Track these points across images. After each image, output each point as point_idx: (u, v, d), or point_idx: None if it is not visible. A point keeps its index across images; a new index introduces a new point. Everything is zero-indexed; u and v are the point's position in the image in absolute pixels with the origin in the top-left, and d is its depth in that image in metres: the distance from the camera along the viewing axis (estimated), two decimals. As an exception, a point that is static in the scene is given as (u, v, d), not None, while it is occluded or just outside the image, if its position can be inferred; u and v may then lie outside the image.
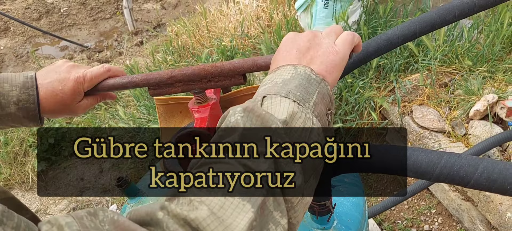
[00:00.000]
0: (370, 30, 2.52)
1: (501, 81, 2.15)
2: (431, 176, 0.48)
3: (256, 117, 0.47)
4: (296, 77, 0.52)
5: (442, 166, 0.47)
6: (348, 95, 2.35)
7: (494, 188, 0.45)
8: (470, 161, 0.46)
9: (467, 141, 1.95)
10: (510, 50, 2.43)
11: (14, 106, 0.75)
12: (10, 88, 0.76)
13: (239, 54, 3.02)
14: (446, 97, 2.18)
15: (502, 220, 1.63)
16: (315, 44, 0.57)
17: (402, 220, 2.14)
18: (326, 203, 0.68)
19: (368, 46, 0.75)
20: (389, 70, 2.42)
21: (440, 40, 2.37)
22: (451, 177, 0.47)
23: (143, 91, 3.14)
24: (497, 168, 0.45)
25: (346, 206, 0.80)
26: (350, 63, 0.77)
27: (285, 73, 0.53)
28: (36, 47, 5.32)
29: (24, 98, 0.75)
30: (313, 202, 0.68)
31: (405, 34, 0.71)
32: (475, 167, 0.46)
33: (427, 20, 0.69)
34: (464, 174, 0.46)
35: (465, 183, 0.46)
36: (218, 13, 3.64)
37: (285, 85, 0.51)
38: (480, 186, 0.46)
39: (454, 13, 0.66)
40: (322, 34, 0.59)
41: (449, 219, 2.06)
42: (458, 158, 0.47)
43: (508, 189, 0.44)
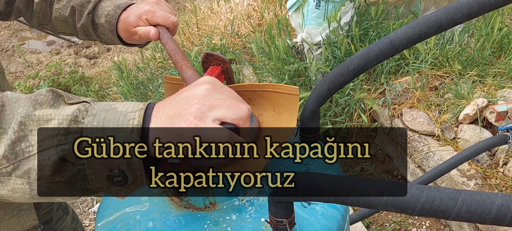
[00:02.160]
0: (362, 32, 2.51)
1: (490, 85, 2.15)
2: (414, 211, 0.48)
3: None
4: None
5: (423, 201, 0.48)
6: (338, 96, 2.33)
7: (474, 219, 0.47)
8: (449, 194, 0.47)
9: (456, 145, 1.94)
10: (500, 55, 2.44)
11: (104, 18, 0.93)
12: (109, 4, 0.93)
13: (229, 53, 2.98)
14: (436, 101, 2.18)
15: (490, 225, 1.63)
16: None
17: (390, 223, 2.13)
18: (284, 221, 0.66)
19: (369, 51, 0.71)
20: (380, 73, 2.41)
21: (431, 43, 2.37)
22: (433, 211, 0.48)
23: (131, 89, 3.09)
24: (475, 199, 0.46)
25: (315, 227, 0.76)
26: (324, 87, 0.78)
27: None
28: (22, 42, 5.22)
29: (112, 14, 0.92)
30: (271, 215, 0.66)
31: (409, 37, 0.66)
32: (455, 200, 0.47)
33: (433, 21, 0.65)
34: (445, 208, 0.47)
35: (447, 216, 0.47)
36: (209, 11, 3.60)
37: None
38: (460, 218, 0.47)
39: (462, 13, 0.62)
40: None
41: (437, 223, 2.06)
42: (438, 192, 0.48)
43: (487, 219, 0.46)
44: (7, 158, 0.50)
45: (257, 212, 0.78)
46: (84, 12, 0.97)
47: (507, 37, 2.47)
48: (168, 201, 0.82)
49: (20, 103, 0.52)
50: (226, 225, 0.76)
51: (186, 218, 0.78)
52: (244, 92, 0.90)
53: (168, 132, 0.52)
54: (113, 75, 3.66)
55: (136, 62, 3.63)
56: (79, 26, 0.99)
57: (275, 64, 2.53)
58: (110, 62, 4.44)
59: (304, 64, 2.53)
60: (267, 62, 2.67)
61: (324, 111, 2.38)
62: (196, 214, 0.78)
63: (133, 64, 3.55)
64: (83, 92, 3.84)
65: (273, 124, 0.86)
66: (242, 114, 0.54)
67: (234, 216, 0.77)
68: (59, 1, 1.00)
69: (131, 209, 0.82)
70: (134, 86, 3.13)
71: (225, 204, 0.80)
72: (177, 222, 0.77)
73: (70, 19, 1.00)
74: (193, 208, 0.80)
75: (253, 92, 0.89)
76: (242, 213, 0.78)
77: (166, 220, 0.78)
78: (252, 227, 0.75)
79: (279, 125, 0.85)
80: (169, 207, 0.81)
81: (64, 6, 1.00)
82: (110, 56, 4.55)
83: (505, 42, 2.46)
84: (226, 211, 0.79)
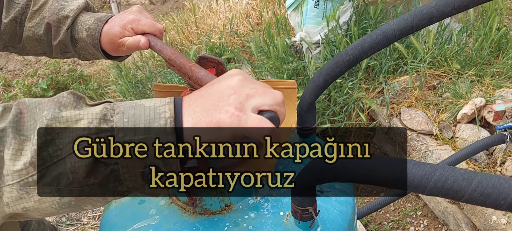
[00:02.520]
0: (361, 31, 2.51)
1: (489, 85, 2.16)
2: (425, 189, 0.47)
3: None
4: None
5: (436, 179, 0.46)
6: (337, 95, 2.34)
7: (488, 202, 0.44)
8: (464, 175, 0.45)
9: (454, 144, 1.95)
10: (498, 55, 2.45)
11: (85, 33, 0.91)
12: (89, 18, 0.92)
13: (228, 51, 2.99)
14: (435, 100, 2.18)
15: (487, 224, 1.63)
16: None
17: (388, 222, 2.13)
18: (309, 209, 0.66)
19: (364, 43, 0.73)
20: (378, 72, 2.41)
21: (429, 43, 2.38)
22: (445, 191, 0.46)
23: (130, 87, 3.09)
24: (492, 182, 0.44)
25: (333, 213, 0.78)
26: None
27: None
28: (20, 40, 5.20)
29: (93, 28, 0.90)
30: (296, 206, 0.66)
31: (401, 28, 0.68)
32: (469, 181, 0.45)
33: (424, 13, 0.66)
34: (458, 188, 0.45)
35: (459, 197, 0.45)
36: (207, 10, 3.60)
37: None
38: (474, 200, 0.45)
39: (452, 5, 0.63)
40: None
41: (435, 222, 2.06)
42: (452, 172, 0.46)
43: (503, 204, 0.44)
44: (34, 165, 0.47)
45: (274, 207, 0.78)
46: (61, 28, 0.93)
47: (505, 37, 2.48)
48: (179, 210, 0.80)
49: (43, 107, 0.50)
50: (246, 224, 0.75)
51: (204, 224, 0.76)
52: None
53: (206, 126, 0.50)
54: (111, 73, 3.66)
55: (135, 61, 3.63)
56: (55, 44, 0.95)
57: (274, 63, 2.53)
58: (108, 61, 4.44)
59: (302, 63, 2.53)
60: (266, 61, 2.67)
61: (322, 110, 2.39)
62: (213, 218, 0.77)
63: (132, 63, 3.55)
64: (81, 91, 3.84)
65: None
66: (278, 100, 0.54)
67: (253, 215, 0.77)
68: (31, 19, 0.95)
69: (140, 224, 0.79)
70: (132, 84, 3.13)
71: (240, 204, 0.79)
72: (194, 230, 0.75)
73: (45, 37, 0.96)
74: (208, 212, 0.78)
75: None
76: (260, 211, 0.78)
77: (182, 230, 0.75)
78: (273, 222, 0.75)
79: None
80: (182, 216, 0.78)
81: (37, 24, 0.95)
82: (109, 54, 4.55)
83: (503, 42, 2.47)
84: (243, 210, 0.78)
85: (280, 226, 0.73)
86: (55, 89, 3.98)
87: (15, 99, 3.73)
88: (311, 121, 0.92)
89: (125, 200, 0.88)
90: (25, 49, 1.00)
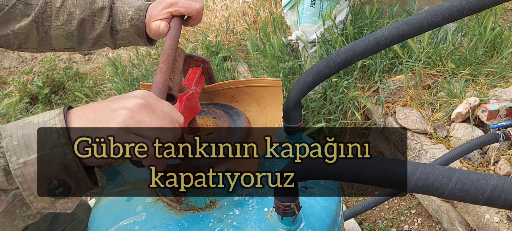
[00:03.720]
0: (356, 30, 2.52)
1: (483, 84, 2.17)
2: (407, 187, 0.49)
3: None
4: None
5: (417, 177, 0.48)
6: (332, 94, 2.35)
7: (467, 197, 0.46)
8: (444, 172, 0.47)
9: (449, 143, 1.96)
10: (492, 55, 2.47)
11: (128, 23, 0.93)
12: (128, 8, 0.93)
13: (224, 50, 2.99)
14: (429, 99, 2.20)
15: (480, 222, 1.65)
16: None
17: (382, 220, 2.15)
18: (291, 204, 0.67)
19: (355, 47, 0.74)
20: (373, 71, 2.42)
21: (424, 42, 2.39)
22: (426, 188, 0.48)
23: (126, 85, 3.09)
24: (470, 178, 0.46)
25: (316, 209, 0.79)
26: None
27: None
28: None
29: (136, 18, 0.92)
30: (278, 202, 0.67)
31: (393, 36, 0.70)
32: (449, 178, 0.47)
33: (415, 22, 0.68)
34: (439, 185, 0.47)
35: (440, 193, 0.47)
36: (204, 8, 3.60)
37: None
38: (453, 196, 0.47)
39: (442, 16, 0.65)
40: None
41: (429, 220, 2.08)
42: (433, 169, 0.48)
43: (480, 199, 0.46)
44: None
45: (259, 204, 0.79)
46: (99, 21, 0.94)
47: (500, 37, 2.50)
48: (165, 207, 0.81)
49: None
50: (231, 220, 0.76)
51: (189, 220, 0.77)
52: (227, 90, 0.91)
53: (91, 127, 0.50)
54: (107, 71, 3.66)
55: (131, 58, 3.63)
56: (91, 37, 0.96)
57: (270, 62, 2.54)
58: (105, 59, 4.43)
59: (298, 62, 2.54)
60: (262, 59, 2.68)
61: (318, 109, 2.39)
62: (198, 215, 0.78)
63: (128, 61, 3.54)
64: (77, 89, 3.83)
65: (259, 118, 0.87)
66: (168, 138, 0.53)
67: (237, 211, 0.78)
68: (58, 17, 0.94)
69: (127, 221, 0.80)
70: (128, 82, 3.13)
71: (225, 200, 0.80)
72: (180, 226, 0.76)
73: (77, 32, 0.96)
74: (193, 209, 0.79)
75: (236, 89, 0.90)
76: (244, 207, 0.79)
77: (168, 226, 0.76)
78: (257, 218, 0.76)
79: (265, 118, 0.86)
80: (167, 212, 0.80)
81: (67, 21, 0.94)
82: (105, 52, 4.54)
83: (498, 42, 2.49)
84: (228, 207, 0.79)
85: (263, 222, 0.75)
86: (51, 87, 3.97)
87: (10, 96, 3.72)
88: (298, 119, 0.93)
89: (112, 197, 0.89)
90: (48, 46, 0.98)
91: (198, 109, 0.78)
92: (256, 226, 0.74)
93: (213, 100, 0.93)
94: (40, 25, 0.94)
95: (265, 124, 0.86)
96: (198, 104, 0.77)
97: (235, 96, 0.90)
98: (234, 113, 0.85)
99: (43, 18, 0.93)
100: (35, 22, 0.93)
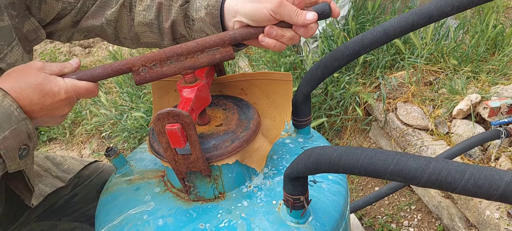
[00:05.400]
0: (358, 26, 2.52)
1: (484, 81, 2.17)
2: (420, 181, 0.48)
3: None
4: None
5: (430, 171, 0.47)
6: (333, 90, 2.35)
7: (480, 193, 0.46)
8: (457, 167, 0.47)
9: (450, 139, 1.97)
10: (494, 52, 2.47)
11: (204, 11, 0.78)
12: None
13: (225, 44, 2.98)
14: (431, 96, 2.20)
15: (481, 218, 1.65)
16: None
17: (382, 216, 2.15)
18: (301, 198, 0.68)
19: (364, 38, 0.74)
20: (375, 67, 2.42)
21: (427, 39, 2.39)
22: (439, 183, 0.47)
23: (126, 78, 3.08)
24: (483, 173, 0.46)
25: (325, 203, 0.79)
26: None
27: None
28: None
29: (212, 4, 0.77)
30: (288, 195, 0.67)
31: (402, 26, 0.69)
32: (462, 173, 0.46)
33: (424, 12, 0.68)
34: (452, 180, 0.46)
35: (453, 188, 0.47)
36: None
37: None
38: (467, 191, 0.46)
39: (452, 5, 0.65)
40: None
41: (429, 216, 2.08)
42: (446, 164, 0.47)
43: (494, 194, 0.45)
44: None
45: (267, 196, 0.79)
46: (173, 6, 0.82)
47: (501, 35, 2.50)
48: (173, 197, 0.81)
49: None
50: (239, 212, 0.76)
51: (197, 211, 0.77)
52: (237, 82, 0.91)
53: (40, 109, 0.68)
54: (108, 64, 3.64)
55: (132, 52, 3.62)
56: (167, 26, 0.85)
57: (271, 57, 2.53)
58: (105, 52, 4.41)
59: (300, 57, 2.53)
60: (263, 54, 2.67)
61: (319, 104, 2.39)
62: (207, 206, 0.78)
63: (128, 54, 3.53)
64: (77, 81, 3.81)
65: (268, 111, 0.87)
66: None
67: (246, 202, 0.78)
68: (140, 3, 0.86)
69: (136, 210, 0.80)
70: (129, 75, 3.12)
71: (233, 192, 0.80)
72: (188, 216, 0.76)
73: (156, 20, 0.86)
74: (202, 200, 0.79)
75: (245, 82, 0.89)
76: (253, 199, 0.79)
77: (176, 216, 0.77)
78: (266, 210, 0.76)
79: (274, 112, 0.86)
80: (176, 202, 0.80)
81: (148, 6, 0.85)
82: (105, 45, 4.52)
83: (499, 39, 2.49)
84: (237, 198, 0.79)
85: (272, 215, 0.75)
86: (51, 79, 3.95)
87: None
88: (306, 113, 0.93)
89: (120, 186, 0.89)
90: (137, 38, 0.91)
91: (209, 101, 0.78)
92: (265, 219, 0.74)
93: (222, 92, 0.93)
94: (128, 11, 0.87)
95: (274, 117, 0.85)
96: (209, 95, 0.77)
97: (244, 88, 0.90)
98: (243, 105, 0.85)
99: (131, 2, 0.87)
100: (124, 6, 0.87)
